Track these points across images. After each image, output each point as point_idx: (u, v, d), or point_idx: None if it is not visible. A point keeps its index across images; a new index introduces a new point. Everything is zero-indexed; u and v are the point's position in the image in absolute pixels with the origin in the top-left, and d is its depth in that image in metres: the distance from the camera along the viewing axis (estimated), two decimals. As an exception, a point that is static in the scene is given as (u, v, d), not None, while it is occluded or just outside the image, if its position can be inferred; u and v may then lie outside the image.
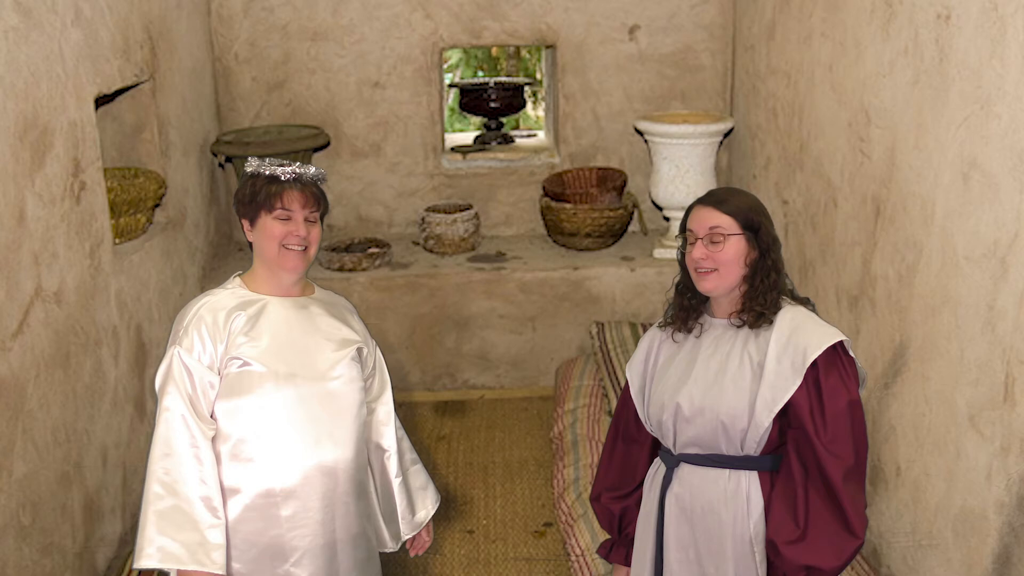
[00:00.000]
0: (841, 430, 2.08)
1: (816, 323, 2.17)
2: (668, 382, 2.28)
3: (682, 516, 2.25)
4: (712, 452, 2.21)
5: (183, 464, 2.16)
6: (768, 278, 2.19)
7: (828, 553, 2.06)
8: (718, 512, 2.19)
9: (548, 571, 3.48)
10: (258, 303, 2.29)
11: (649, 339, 2.41)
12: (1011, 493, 2.36)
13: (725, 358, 2.20)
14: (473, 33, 5.04)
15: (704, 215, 2.22)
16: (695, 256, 2.21)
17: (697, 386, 2.20)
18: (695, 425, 2.20)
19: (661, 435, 2.31)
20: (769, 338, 2.15)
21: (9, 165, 2.74)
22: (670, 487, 2.26)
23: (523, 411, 4.68)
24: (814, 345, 2.10)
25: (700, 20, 5.00)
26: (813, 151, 3.68)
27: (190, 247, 4.39)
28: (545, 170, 5.24)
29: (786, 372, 2.11)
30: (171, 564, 2.12)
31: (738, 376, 2.16)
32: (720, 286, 2.20)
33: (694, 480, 2.23)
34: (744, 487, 2.18)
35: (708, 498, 2.21)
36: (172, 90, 4.21)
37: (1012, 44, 2.30)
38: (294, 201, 2.26)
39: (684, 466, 2.25)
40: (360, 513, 2.37)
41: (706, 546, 2.22)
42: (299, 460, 2.24)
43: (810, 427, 2.08)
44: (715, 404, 2.16)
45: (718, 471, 2.20)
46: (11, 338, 2.72)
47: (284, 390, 2.24)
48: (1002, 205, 2.36)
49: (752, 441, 2.15)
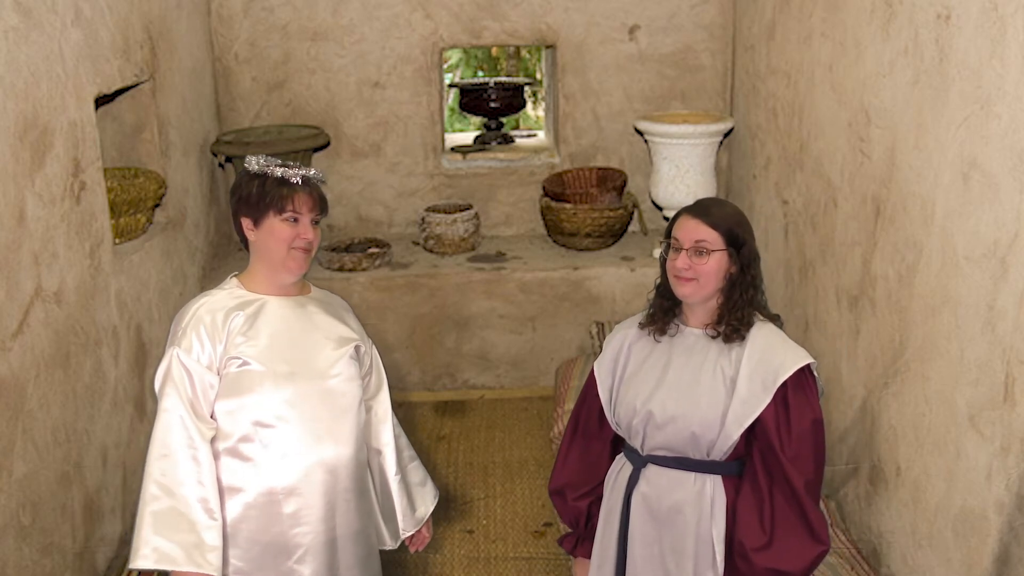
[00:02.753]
0: (805, 447, 2.20)
1: (785, 343, 2.29)
2: (639, 386, 2.34)
3: (648, 515, 2.32)
4: (680, 456, 2.29)
5: (180, 465, 2.16)
6: (746, 293, 2.29)
7: (795, 558, 2.18)
8: (684, 512, 2.28)
9: (548, 571, 3.48)
10: (256, 303, 2.30)
11: (620, 339, 2.46)
12: (1011, 493, 2.36)
13: (698, 369, 2.28)
14: (473, 33, 5.04)
15: (691, 227, 2.29)
16: (678, 265, 2.28)
17: (670, 394, 2.28)
18: (665, 432, 2.28)
19: (628, 436, 2.38)
20: (742, 354, 2.25)
21: (9, 165, 2.74)
22: (637, 486, 2.33)
23: (523, 411, 4.68)
24: (786, 366, 2.21)
25: (700, 20, 5.00)
26: (813, 151, 3.68)
27: (190, 247, 4.39)
28: (545, 170, 5.24)
29: (757, 390, 2.21)
30: (166, 565, 2.12)
31: (711, 389, 2.25)
32: (697, 294, 2.28)
33: (661, 481, 2.31)
34: (709, 490, 2.28)
35: (675, 499, 2.29)
36: (172, 90, 4.21)
37: (1012, 44, 2.30)
38: (303, 204, 2.27)
39: (651, 467, 2.33)
40: (361, 510, 2.38)
41: (670, 543, 2.30)
42: (300, 458, 2.25)
43: (776, 442, 2.20)
44: (687, 414, 2.25)
45: (685, 473, 2.29)
46: (11, 338, 2.72)
47: (284, 389, 2.24)
48: (1002, 205, 2.36)
49: (719, 450, 2.25)
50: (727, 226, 2.28)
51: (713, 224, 2.27)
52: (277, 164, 2.29)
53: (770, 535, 2.19)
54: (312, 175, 2.31)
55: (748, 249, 2.30)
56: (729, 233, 2.28)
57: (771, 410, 2.20)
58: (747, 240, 2.30)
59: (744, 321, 2.27)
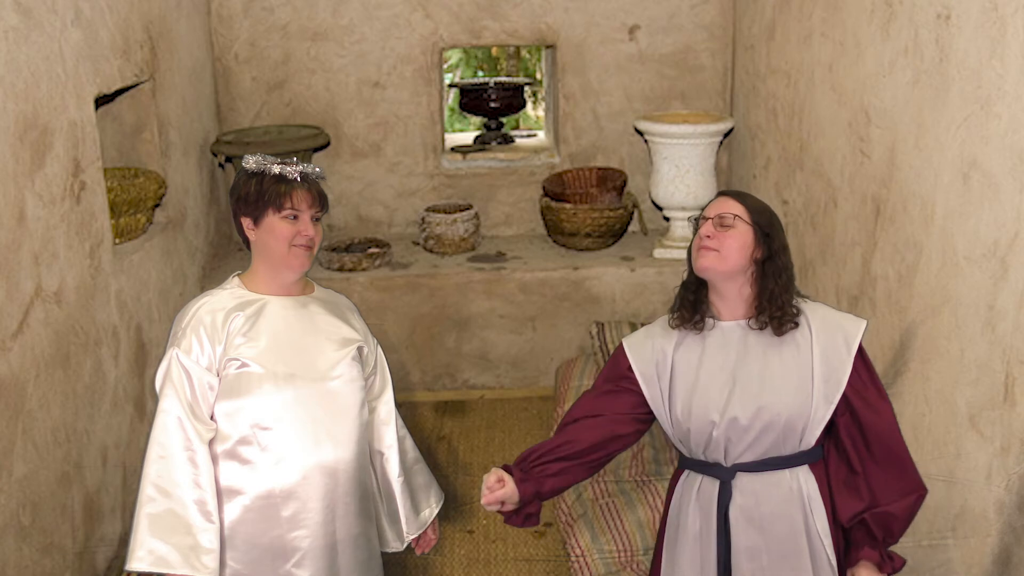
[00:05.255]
0: (886, 401, 2.24)
1: (835, 311, 2.30)
2: (708, 397, 2.21)
3: (750, 526, 2.22)
4: (768, 456, 2.21)
5: (177, 467, 2.15)
6: (780, 279, 2.22)
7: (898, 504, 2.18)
8: (788, 513, 2.21)
9: (548, 571, 3.48)
10: (257, 303, 2.28)
11: (651, 347, 2.31)
12: (1011, 493, 2.36)
13: (764, 360, 2.21)
14: (473, 33, 5.04)
15: (720, 202, 2.27)
16: (702, 232, 2.23)
17: (748, 394, 2.18)
18: (753, 432, 2.18)
19: (704, 450, 2.24)
20: (809, 335, 2.21)
21: (9, 165, 2.74)
22: (732, 500, 2.22)
23: (523, 411, 4.68)
24: (852, 333, 2.21)
25: (700, 20, 5.00)
26: (813, 151, 3.68)
27: (190, 247, 4.39)
28: (545, 170, 5.24)
29: (836, 362, 2.19)
30: (162, 568, 2.10)
31: (788, 377, 2.19)
32: (717, 267, 2.20)
33: (756, 487, 2.21)
34: (804, 483, 2.22)
35: (775, 502, 2.21)
36: (172, 90, 4.21)
37: (1012, 44, 2.30)
38: (302, 201, 2.25)
39: (742, 476, 2.22)
40: (361, 513, 2.36)
41: (778, 550, 2.21)
42: (299, 461, 2.23)
43: (865, 407, 2.19)
44: (774, 409, 2.17)
45: (779, 473, 2.22)
46: (11, 338, 2.72)
47: (283, 391, 2.22)
48: (1002, 205, 2.36)
49: (811, 436, 2.20)
50: (756, 208, 2.24)
51: (742, 201, 2.24)
52: (275, 162, 2.27)
53: (871, 497, 2.19)
54: (310, 171, 2.28)
55: (777, 237, 2.24)
56: (756, 212, 2.23)
57: (854, 376, 2.19)
58: (775, 227, 2.25)
59: (788, 309, 2.21)
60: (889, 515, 2.18)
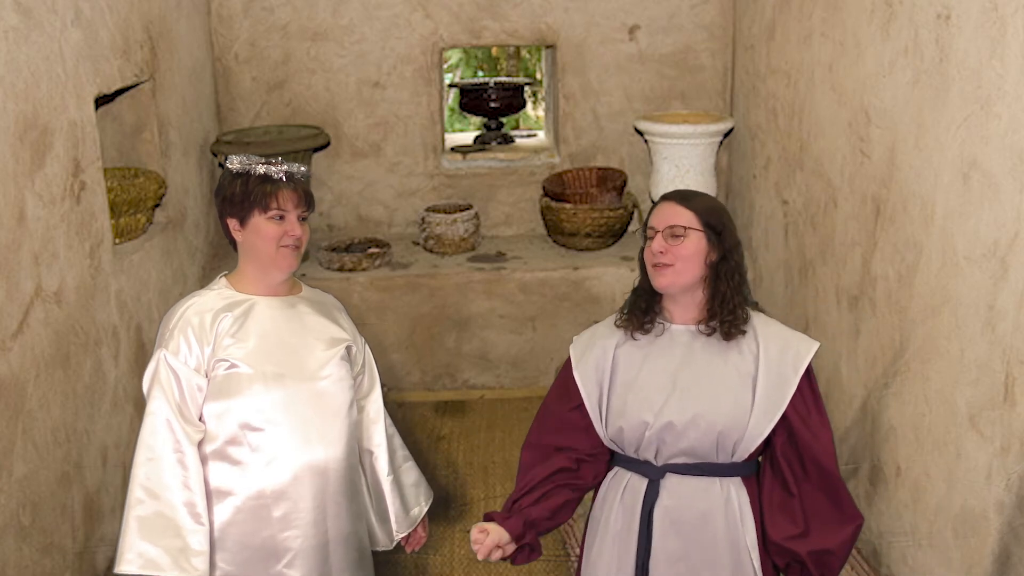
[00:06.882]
0: (826, 426, 2.19)
1: (788, 329, 2.25)
2: (646, 396, 2.19)
3: (671, 529, 2.19)
4: (702, 461, 2.18)
5: (166, 469, 2.15)
6: (732, 281, 2.18)
7: (835, 536, 2.15)
8: (713, 521, 2.18)
9: (548, 571, 3.48)
10: (245, 303, 2.27)
11: (599, 347, 2.29)
12: (1011, 493, 2.36)
13: (708, 368, 2.18)
14: (473, 33, 5.04)
15: (666, 211, 2.22)
16: (654, 248, 2.19)
17: (687, 398, 2.16)
18: (687, 438, 2.16)
19: (636, 448, 2.22)
20: (755, 347, 2.18)
21: (9, 165, 2.74)
22: (658, 500, 2.19)
23: (523, 411, 4.67)
24: (802, 353, 2.18)
25: (700, 20, 5.00)
26: (813, 151, 3.68)
27: (190, 247, 4.39)
28: (545, 170, 5.24)
29: (780, 380, 2.15)
30: (151, 570, 2.10)
31: (730, 386, 2.16)
32: (676, 283, 2.18)
33: (683, 491, 2.19)
34: (735, 495, 2.19)
35: (701, 508, 2.18)
36: (172, 90, 4.21)
37: (1012, 44, 2.30)
38: (288, 201, 2.24)
39: (671, 476, 2.19)
40: (352, 513, 2.36)
41: (699, 557, 2.18)
42: (289, 461, 2.23)
43: (803, 427, 2.15)
44: (710, 416, 2.14)
45: (710, 480, 2.18)
46: (11, 338, 2.72)
47: (273, 391, 2.22)
48: (1002, 205, 2.36)
49: (745, 450, 2.17)
50: (703, 210, 2.19)
51: (687, 206, 2.18)
52: (259, 161, 2.26)
53: (805, 524, 2.15)
54: (295, 171, 2.27)
55: (729, 235, 2.19)
56: (705, 214, 2.18)
57: (797, 397, 2.15)
58: (727, 225, 2.20)
59: (739, 314, 2.18)
60: (827, 552, 2.15)
